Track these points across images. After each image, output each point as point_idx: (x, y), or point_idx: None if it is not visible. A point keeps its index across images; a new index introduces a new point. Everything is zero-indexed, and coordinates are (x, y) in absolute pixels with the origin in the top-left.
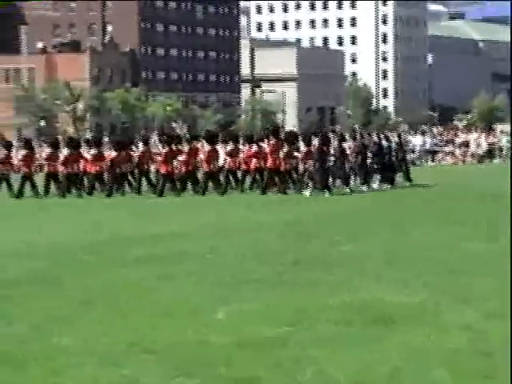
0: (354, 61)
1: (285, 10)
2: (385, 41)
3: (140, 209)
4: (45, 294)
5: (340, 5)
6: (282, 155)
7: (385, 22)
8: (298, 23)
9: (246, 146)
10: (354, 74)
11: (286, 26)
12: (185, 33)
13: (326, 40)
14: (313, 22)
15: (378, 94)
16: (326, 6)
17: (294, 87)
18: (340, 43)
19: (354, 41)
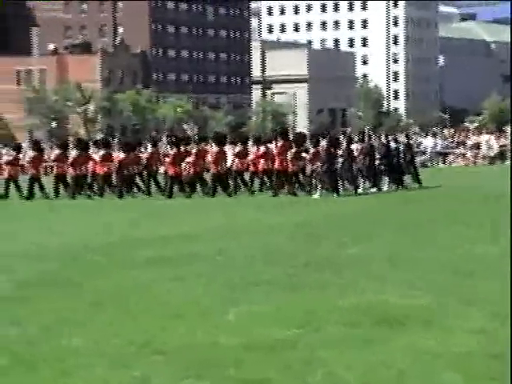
0: (364, 62)
1: (296, 12)
2: (396, 42)
3: (150, 210)
4: (55, 295)
5: (351, 6)
6: (289, 156)
7: (396, 24)
8: (309, 25)
9: (254, 148)
10: (365, 75)
11: (296, 28)
12: (196, 34)
13: (336, 42)
14: (324, 24)
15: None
16: (337, 7)
17: (305, 89)
18: (351, 45)
19: (364, 42)
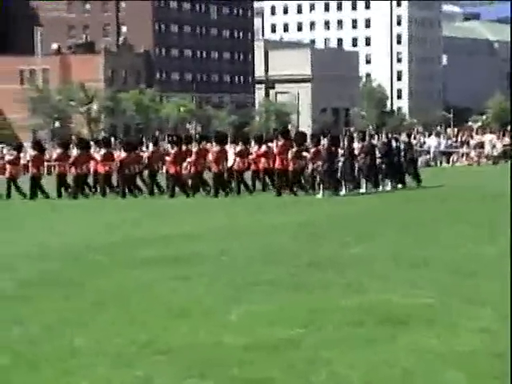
0: (368, 62)
1: (299, 11)
2: (399, 42)
3: (152, 210)
4: (57, 294)
5: (354, 6)
6: (290, 156)
7: (399, 23)
8: (313, 24)
9: (255, 147)
10: (368, 75)
11: (300, 27)
12: (199, 34)
13: (340, 41)
14: (327, 23)
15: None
16: (340, 7)
17: (308, 88)
18: (354, 44)
19: (368, 42)
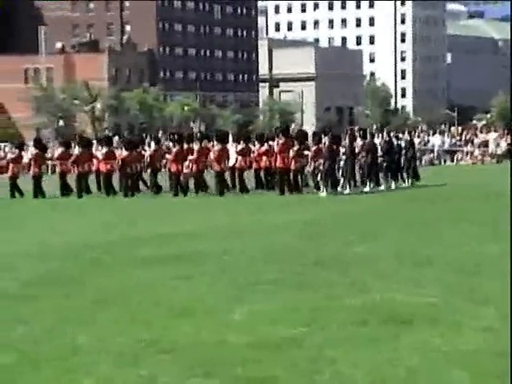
0: (372, 60)
1: (303, 10)
2: (403, 40)
3: (154, 208)
4: (58, 293)
5: (358, 4)
6: (291, 154)
7: (403, 22)
8: (316, 23)
9: (256, 146)
10: (373, 73)
11: (304, 26)
12: (203, 32)
13: (344, 40)
14: (331, 22)
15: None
16: (344, 5)
17: (312, 87)
18: (358, 43)
19: (372, 40)
